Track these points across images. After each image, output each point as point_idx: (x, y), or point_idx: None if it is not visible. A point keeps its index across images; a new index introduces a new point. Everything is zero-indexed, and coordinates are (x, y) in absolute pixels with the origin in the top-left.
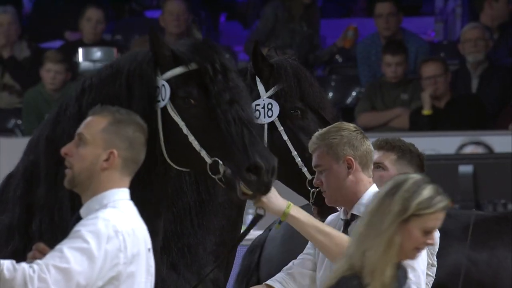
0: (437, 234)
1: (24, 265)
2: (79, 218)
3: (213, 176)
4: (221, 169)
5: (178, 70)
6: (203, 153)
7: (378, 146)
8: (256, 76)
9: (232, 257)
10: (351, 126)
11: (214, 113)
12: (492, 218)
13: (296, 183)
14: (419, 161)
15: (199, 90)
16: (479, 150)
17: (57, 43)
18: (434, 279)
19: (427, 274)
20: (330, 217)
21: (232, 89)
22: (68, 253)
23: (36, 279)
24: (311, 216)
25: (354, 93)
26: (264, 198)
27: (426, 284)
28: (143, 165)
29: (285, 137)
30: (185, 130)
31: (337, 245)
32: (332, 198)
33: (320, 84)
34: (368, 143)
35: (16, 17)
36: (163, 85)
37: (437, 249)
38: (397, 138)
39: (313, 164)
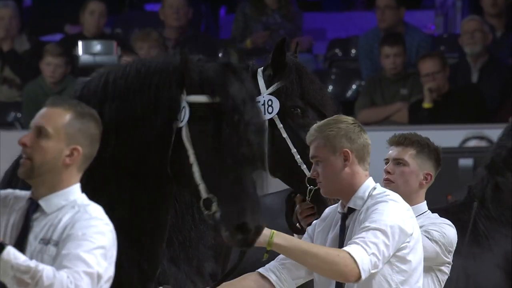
0: (454, 232)
1: (62, 273)
2: (37, 206)
3: (203, 210)
4: (213, 208)
5: (202, 98)
6: (201, 187)
7: (397, 142)
8: (257, 73)
9: (230, 252)
10: (349, 119)
11: (223, 154)
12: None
13: (295, 180)
14: (437, 155)
15: (215, 124)
16: (482, 144)
17: (57, 37)
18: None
19: (443, 272)
20: (327, 210)
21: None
22: (89, 257)
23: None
24: (295, 238)
25: (354, 87)
26: None
27: (441, 281)
28: (153, 182)
29: (285, 135)
30: (192, 158)
31: (325, 263)
32: (327, 189)
33: (320, 77)
34: (366, 136)
35: (17, 10)
36: (184, 106)
37: (454, 247)
38: (413, 132)
39: (310, 155)
